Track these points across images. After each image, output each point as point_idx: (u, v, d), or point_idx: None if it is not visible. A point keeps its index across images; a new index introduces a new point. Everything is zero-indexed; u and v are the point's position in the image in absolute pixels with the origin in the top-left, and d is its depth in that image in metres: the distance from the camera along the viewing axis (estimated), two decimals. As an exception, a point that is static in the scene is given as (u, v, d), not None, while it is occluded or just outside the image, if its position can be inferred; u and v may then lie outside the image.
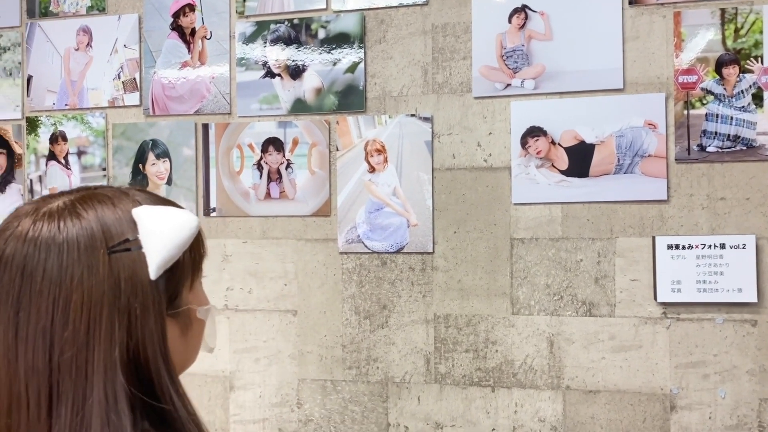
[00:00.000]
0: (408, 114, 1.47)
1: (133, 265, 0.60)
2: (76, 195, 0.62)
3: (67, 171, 1.64)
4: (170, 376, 0.61)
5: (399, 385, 1.47)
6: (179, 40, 1.57)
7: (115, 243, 0.59)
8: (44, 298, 0.58)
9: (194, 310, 0.66)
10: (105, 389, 0.57)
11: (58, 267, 0.58)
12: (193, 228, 0.62)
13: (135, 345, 0.59)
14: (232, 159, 1.56)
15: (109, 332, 0.58)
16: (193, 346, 0.68)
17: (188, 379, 1.63)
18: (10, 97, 1.67)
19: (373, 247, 1.48)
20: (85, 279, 0.58)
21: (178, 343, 0.65)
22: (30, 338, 0.58)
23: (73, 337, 0.58)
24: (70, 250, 0.59)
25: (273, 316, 1.54)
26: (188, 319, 0.66)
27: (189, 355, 0.68)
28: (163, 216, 0.62)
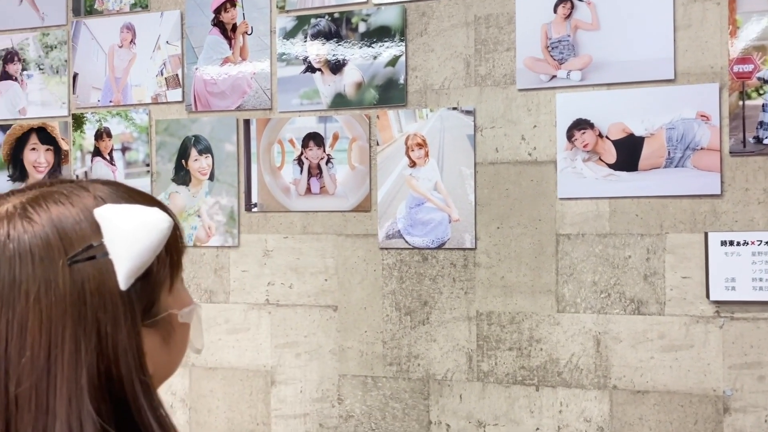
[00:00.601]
0: (450, 107, 1.44)
1: (99, 275, 0.51)
2: (28, 195, 0.54)
3: (111, 167, 1.66)
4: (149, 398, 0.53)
5: (440, 382, 1.45)
6: (220, 36, 1.58)
7: (76, 251, 0.51)
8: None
9: (176, 314, 0.58)
10: (69, 423, 0.49)
11: (9, 284, 0.50)
12: (165, 229, 0.54)
13: (106, 367, 0.51)
14: (273, 154, 1.56)
15: (73, 356, 0.50)
16: (177, 352, 0.61)
17: (230, 373, 1.64)
18: (56, 95, 1.70)
19: (414, 242, 1.46)
20: (42, 295, 0.50)
21: (160, 354, 0.57)
22: None
23: (31, 364, 0.49)
24: (23, 262, 0.50)
25: (313, 312, 1.54)
26: (170, 325, 0.58)
27: (173, 364, 0.61)
28: (130, 216, 0.53)
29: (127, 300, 0.52)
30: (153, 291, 0.55)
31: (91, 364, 0.50)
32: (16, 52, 1.73)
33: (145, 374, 0.53)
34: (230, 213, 1.59)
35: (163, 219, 0.54)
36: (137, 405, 0.52)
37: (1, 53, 1.74)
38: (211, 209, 1.60)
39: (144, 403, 0.52)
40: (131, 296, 0.52)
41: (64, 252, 0.51)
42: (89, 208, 0.53)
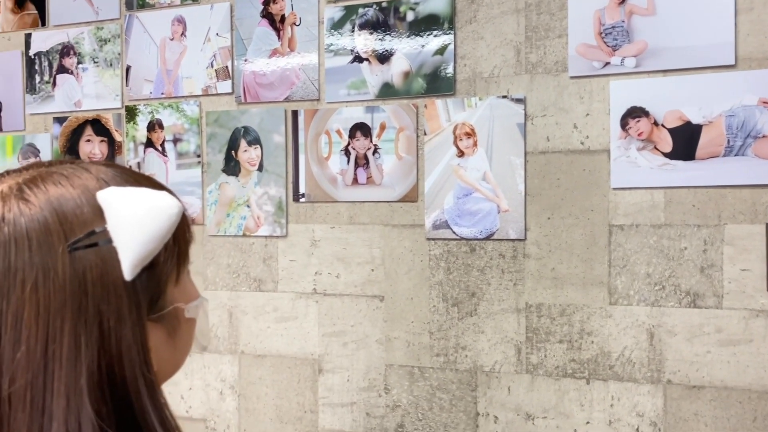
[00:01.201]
0: (499, 96, 1.42)
1: (102, 263, 0.47)
2: (25, 175, 0.50)
3: (163, 158, 1.69)
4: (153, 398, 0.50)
5: (488, 374, 1.44)
6: (269, 28, 1.59)
7: (77, 236, 0.47)
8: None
9: (183, 309, 0.54)
10: (67, 423, 0.46)
11: (4, 271, 0.46)
12: (174, 215, 0.49)
13: (108, 364, 0.47)
14: (320, 145, 1.57)
15: (73, 351, 0.46)
16: (182, 348, 0.57)
17: (279, 361, 1.66)
18: (110, 87, 1.74)
19: (462, 233, 1.45)
20: (39, 285, 0.46)
21: (165, 350, 0.54)
22: None
23: (26, 360, 0.45)
24: (19, 248, 0.46)
25: (360, 301, 1.54)
26: (175, 319, 0.54)
27: (177, 361, 0.57)
28: (136, 200, 0.49)
29: (132, 291, 0.48)
30: (159, 283, 0.51)
31: (92, 360, 0.46)
32: (72, 46, 1.77)
33: (150, 372, 0.49)
34: (278, 203, 1.60)
35: (173, 204, 0.50)
36: (141, 405, 0.49)
37: (58, 47, 1.79)
38: (260, 199, 1.62)
39: (148, 404, 0.49)
40: (137, 287, 0.49)
41: (64, 237, 0.47)
42: (91, 191, 0.49)
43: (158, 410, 0.50)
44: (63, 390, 0.45)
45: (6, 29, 1.85)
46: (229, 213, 1.65)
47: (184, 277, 0.55)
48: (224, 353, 1.66)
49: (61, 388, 0.46)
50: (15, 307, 0.45)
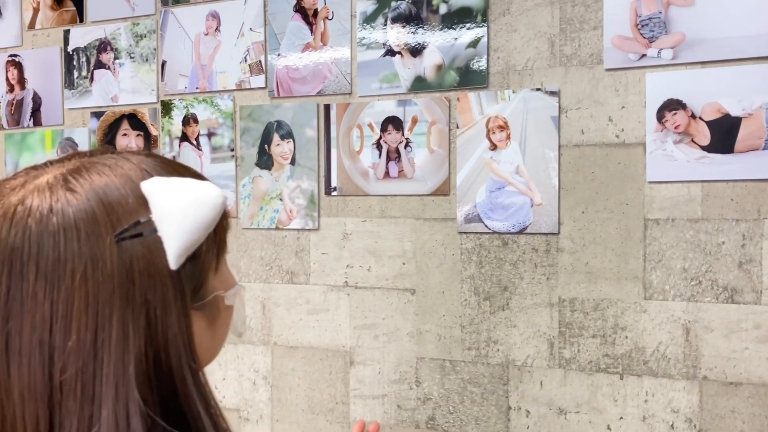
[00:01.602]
0: (533, 88, 1.41)
1: (148, 253, 0.48)
2: (68, 165, 0.51)
3: (198, 152, 1.72)
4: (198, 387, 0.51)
5: (520, 368, 1.44)
6: (302, 22, 1.60)
7: (123, 227, 0.47)
8: (39, 302, 0.46)
9: (222, 297, 0.55)
10: (116, 411, 0.46)
11: (54, 261, 0.46)
12: (218, 205, 0.50)
13: (155, 353, 0.48)
14: (352, 139, 1.57)
15: (121, 340, 0.47)
16: (221, 336, 0.58)
17: (311, 353, 1.68)
18: (146, 82, 1.77)
19: (494, 227, 1.45)
20: (88, 275, 0.46)
21: (205, 338, 0.54)
22: (24, 353, 0.46)
23: (77, 349, 0.46)
24: (68, 238, 0.47)
25: (391, 294, 1.55)
26: (215, 308, 0.55)
27: (215, 349, 0.58)
28: (180, 190, 0.49)
29: (177, 280, 0.49)
30: (202, 272, 0.52)
31: (139, 349, 0.47)
32: (109, 41, 1.81)
33: (194, 361, 0.50)
34: (311, 197, 1.61)
35: (217, 194, 0.50)
36: (186, 393, 0.49)
37: (95, 43, 1.82)
38: (292, 193, 1.63)
39: (193, 392, 0.50)
40: (181, 277, 0.49)
41: (111, 228, 0.47)
42: (135, 181, 0.49)
43: (203, 398, 0.51)
44: (112, 378, 0.46)
45: (45, 25, 1.89)
46: (262, 206, 1.67)
47: (222, 266, 0.56)
48: (257, 344, 1.68)
49: (110, 376, 0.46)
50: (65, 297, 0.46)
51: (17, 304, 0.46)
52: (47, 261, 0.46)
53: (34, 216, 0.47)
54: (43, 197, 0.48)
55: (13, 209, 0.47)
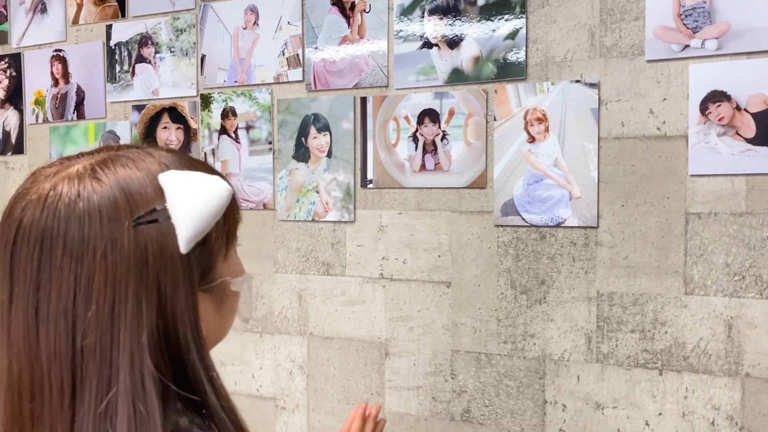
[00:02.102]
0: (572, 80, 1.40)
1: (161, 237, 0.54)
2: (96, 157, 0.57)
3: (237, 144, 1.74)
4: (202, 360, 0.56)
5: (557, 362, 1.43)
6: (339, 15, 1.61)
7: (140, 213, 0.54)
8: (65, 276, 0.52)
9: (229, 282, 0.61)
10: (132, 375, 0.52)
11: (79, 240, 0.52)
12: (225, 197, 0.56)
13: (164, 326, 0.54)
14: (388, 131, 1.58)
15: (135, 312, 0.53)
16: (228, 319, 0.64)
17: (346, 344, 1.69)
18: (186, 76, 1.80)
19: (531, 220, 1.44)
20: (108, 253, 0.52)
21: (212, 319, 0.61)
22: (51, 319, 0.53)
23: (96, 318, 0.52)
24: (92, 221, 0.53)
25: (427, 287, 1.56)
26: (223, 292, 0.61)
27: (223, 330, 0.64)
28: (193, 182, 0.56)
29: (186, 263, 0.55)
30: (210, 257, 0.58)
31: (152, 321, 0.53)
32: (150, 36, 1.84)
33: (199, 335, 0.56)
34: (347, 189, 1.62)
35: (224, 188, 0.57)
36: (192, 364, 0.55)
37: (137, 38, 1.86)
38: (328, 185, 1.65)
39: (198, 363, 0.56)
40: (190, 260, 0.55)
41: (129, 213, 0.53)
42: (154, 173, 0.56)
43: (207, 369, 0.57)
44: (127, 346, 0.52)
45: (88, 21, 1.94)
46: (299, 198, 1.68)
47: (231, 255, 0.62)
48: (294, 334, 1.71)
49: (126, 343, 0.52)
50: (87, 271, 0.52)
51: (46, 276, 0.53)
52: (73, 240, 0.53)
53: (63, 201, 0.53)
54: (72, 185, 0.54)
55: (46, 194, 0.54)
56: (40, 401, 0.53)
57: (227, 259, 0.62)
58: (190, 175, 0.56)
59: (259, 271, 1.74)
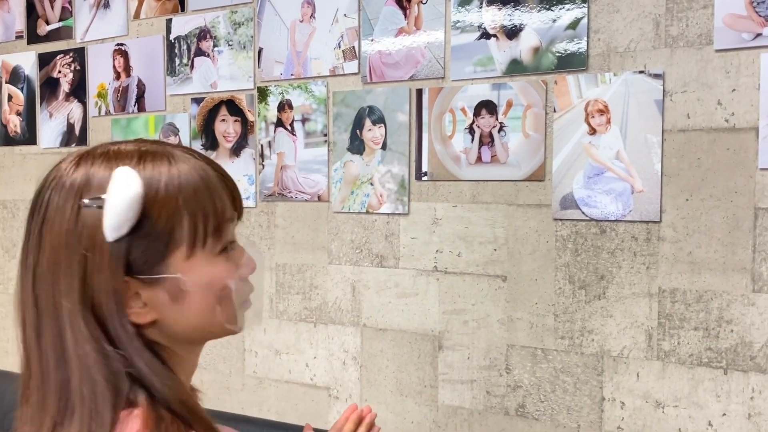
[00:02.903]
0: (636, 71, 1.36)
1: (96, 222, 0.60)
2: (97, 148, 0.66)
3: (292, 137, 1.76)
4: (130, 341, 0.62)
5: (616, 359, 1.40)
6: (396, 7, 1.60)
7: (88, 198, 0.61)
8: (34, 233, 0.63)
9: (179, 280, 0.64)
10: (72, 329, 0.61)
11: (47, 207, 0.63)
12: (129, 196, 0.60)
13: (91, 298, 0.61)
14: (444, 123, 1.57)
15: (68, 278, 0.61)
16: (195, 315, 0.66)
17: (399, 336, 1.70)
18: (243, 69, 1.82)
19: (592, 214, 1.41)
20: (56, 223, 0.61)
21: (170, 311, 0.65)
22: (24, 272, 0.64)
23: (44, 274, 0.62)
24: (59, 195, 0.62)
25: (482, 281, 1.54)
26: (178, 288, 0.64)
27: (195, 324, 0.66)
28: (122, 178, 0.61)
29: (114, 249, 0.61)
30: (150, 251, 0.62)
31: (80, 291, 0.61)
32: (209, 29, 1.87)
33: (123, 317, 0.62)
34: (401, 181, 1.62)
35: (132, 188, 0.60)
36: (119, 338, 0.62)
37: (196, 31, 1.89)
38: (383, 177, 1.65)
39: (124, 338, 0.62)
40: (120, 248, 0.61)
41: (80, 197, 0.61)
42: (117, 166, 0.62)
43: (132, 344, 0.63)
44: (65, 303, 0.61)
45: (149, 15, 1.98)
46: (353, 190, 1.69)
47: (199, 255, 0.65)
48: (347, 325, 1.72)
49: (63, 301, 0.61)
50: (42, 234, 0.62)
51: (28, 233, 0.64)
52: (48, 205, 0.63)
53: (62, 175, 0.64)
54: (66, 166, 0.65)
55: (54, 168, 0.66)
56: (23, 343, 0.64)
57: (191, 258, 0.64)
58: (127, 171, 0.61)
59: (313, 262, 1.76)
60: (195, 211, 0.64)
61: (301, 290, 1.79)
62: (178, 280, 0.64)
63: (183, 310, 0.65)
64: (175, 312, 0.65)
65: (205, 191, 0.65)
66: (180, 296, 0.65)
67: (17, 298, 0.65)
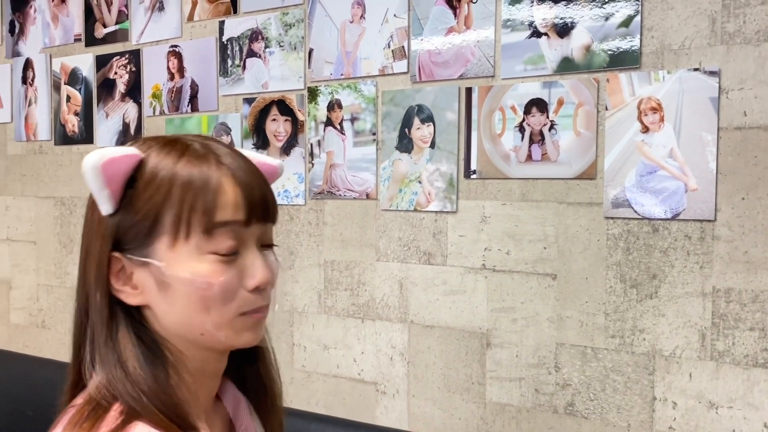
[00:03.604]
0: (690, 68, 1.35)
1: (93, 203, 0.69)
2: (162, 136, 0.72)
3: (342, 136, 1.79)
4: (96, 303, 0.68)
5: (668, 359, 1.39)
6: (446, 6, 1.62)
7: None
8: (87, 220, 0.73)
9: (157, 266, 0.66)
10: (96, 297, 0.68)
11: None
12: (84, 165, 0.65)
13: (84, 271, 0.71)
14: (493, 121, 1.58)
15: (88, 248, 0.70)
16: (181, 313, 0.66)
17: (447, 333, 1.72)
18: (294, 69, 1.86)
19: (644, 212, 1.40)
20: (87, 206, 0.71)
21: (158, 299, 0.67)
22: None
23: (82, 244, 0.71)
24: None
25: (531, 279, 1.55)
26: (161, 275, 0.66)
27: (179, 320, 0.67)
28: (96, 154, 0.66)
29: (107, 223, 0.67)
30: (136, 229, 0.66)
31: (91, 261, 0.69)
32: (260, 31, 1.91)
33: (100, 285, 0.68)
34: (449, 179, 1.64)
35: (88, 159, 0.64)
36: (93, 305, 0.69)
37: (248, 33, 1.94)
38: (431, 176, 1.67)
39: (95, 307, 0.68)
40: (111, 222, 0.67)
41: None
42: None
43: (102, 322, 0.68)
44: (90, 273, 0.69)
45: (202, 17, 2.04)
46: (401, 188, 1.71)
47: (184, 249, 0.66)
48: (395, 321, 1.74)
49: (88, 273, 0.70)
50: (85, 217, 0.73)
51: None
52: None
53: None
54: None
55: None
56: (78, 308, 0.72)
57: (174, 249, 0.66)
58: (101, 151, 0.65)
59: (361, 259, 1.79)
60: (183, 203, 0.65)
61: (348, 286, 1.82)
62: (160, 267, 0.66)
63: (169, 302, 0.66)
64: (163, 302, 0.66)
65: (200, 189, 0.65)
66: (164, 286, 0.66)
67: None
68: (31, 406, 2.07)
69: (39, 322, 2.51)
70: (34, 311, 2.53)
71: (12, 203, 2.58)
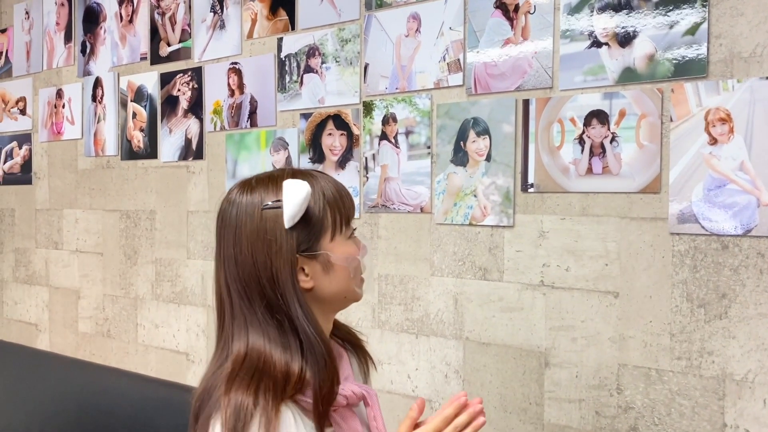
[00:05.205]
0: (762, 77, 1.28)
1: (275, 217, 0.91)
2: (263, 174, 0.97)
3: (396, 149, 1.78)
4: (300, 302, 0.91)
5: (739, 383, 1.31)
6: (502, 18, 1.59)
7: (267, 203, 0.92)
8: (229, 237, 0.94)
9: (328, 255, 0.94)
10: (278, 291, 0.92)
11: (243, 216, 0.93)
12: (301, 198, 0.89)
13: (271, 272, 0.91)
14: (552, 134, 1.54)
15: (261, 256, 0.91)
16: (338, 283, 0.96)
17: (503, 350, 1.66)
18: (350, 84, 1.87)
19: (712, 228, 1.33)
20: (249, 224, 0.92)
21: (322, 279, 0.94)
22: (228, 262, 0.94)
23: (244, 257, 0.92)
24: (246, 207, 0.93)
25: (592, 297, 1.49)
26: (328, 262, 0.94)
27: (337, 289, 0.96)
28: (291, 187, 0.90)
29: (288, 234, 0.91)
30: (311, 234, 0.92)
31: (264, 266, 0.91)
32: (317, 47, 1.94)
33: (296, 281, 0.92)
34: (506, 193, 1.60)
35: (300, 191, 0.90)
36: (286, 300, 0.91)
37: (305, 49, 1.96)
38: (486, 189, 1.64)
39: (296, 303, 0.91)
40: (291, 233, 0.91)
41: (261, 203, 0.92)
42: (281, 181, 0.93)
43: (302, 306, 0.92)
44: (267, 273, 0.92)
45: (261, 35, 2.08)
46: (456, 202, 1.69)
47: (338, 238, 0.96)
48: (449, 338, 1.71)
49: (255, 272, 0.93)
50: (234, 231, 0.94)
51: (220, 237, 0.97)
52: (234, 217, 0.95)
53: (235, 196, 0.97)
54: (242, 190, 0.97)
55: (233, 194, 0.98)
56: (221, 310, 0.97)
57: (334, 240, 0.95)
58: (293, 182, 0.91)
59: (415, 274, 1.77)
60: (334, 208, 0.95)
61: (403, 301, 1.80)
62: (328, 255, 0.94)
63: (330, 279, 0.95)
64: (325, 280, 0.95)
65: (338, 196, 0.97)
66: (328, 267, 0.94)
67: (216, 284, 0.96)
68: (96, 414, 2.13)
69: (105, 331, 2.60)
70: (100, 320, 2.62)
71: (81, 216, 2.68)
